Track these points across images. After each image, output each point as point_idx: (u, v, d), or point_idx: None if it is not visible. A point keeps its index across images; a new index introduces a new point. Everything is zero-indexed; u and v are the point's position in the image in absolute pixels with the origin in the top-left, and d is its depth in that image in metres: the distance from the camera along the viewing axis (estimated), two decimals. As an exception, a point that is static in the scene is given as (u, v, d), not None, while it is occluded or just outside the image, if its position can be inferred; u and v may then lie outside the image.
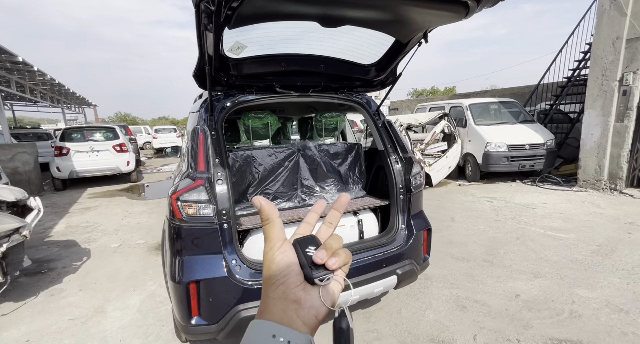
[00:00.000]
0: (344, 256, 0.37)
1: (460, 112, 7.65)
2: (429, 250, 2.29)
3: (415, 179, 2.18)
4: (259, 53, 1.88)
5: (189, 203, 1.60)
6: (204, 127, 1.80)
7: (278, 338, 0.31)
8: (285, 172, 2.27)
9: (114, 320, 2.51)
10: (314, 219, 0.41)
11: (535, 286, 2.73)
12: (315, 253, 0.35)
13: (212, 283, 1.59)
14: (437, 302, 2.59)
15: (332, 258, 0.35)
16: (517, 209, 4.92)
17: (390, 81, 2.29)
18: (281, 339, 0.31)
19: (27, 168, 7.54)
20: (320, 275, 0.35)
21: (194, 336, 1.67)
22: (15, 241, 2.55)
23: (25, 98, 12.34)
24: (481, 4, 1.29)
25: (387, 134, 2.29)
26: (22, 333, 2.38)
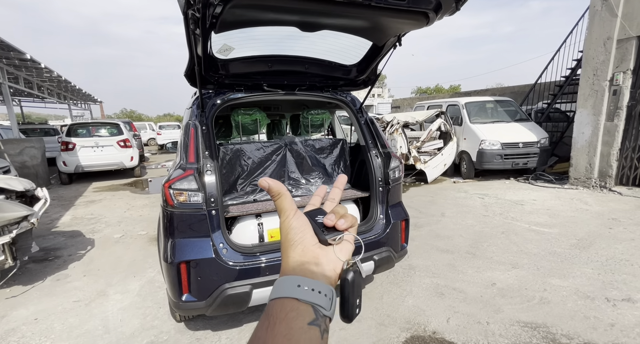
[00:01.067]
0: (350, 218, 0.41)
1: (457, 111, 7.75)
2: (407, 239, 2.45)
3: (394, 172, 2.34)
4: (247, 54, 2.04)
5: (180, 191, 1.77)
6: (195, 123, 1.97)
7: (303, 287, 0.35)
8: (273, 165, 2.43)
9: (115, 302, 2.70)
10: (318, 201, 0.46)
11: (512, 275, 2.87)
12: (325, 217, 0.40)
13: (201, 263, 1.77)
14: (418, 289, 2.75)
15: (340, 220, 0.40)
16: (507, 205, 5.04)
17: (372, 80, 2.44)
18: (305, 287, 0.35)
19: (34, 162, 7.79)
20: (332, 236, 0.39)
21: (185, 311, 1.84)
22: (24, 228, 2.75)
23: (33, 94, 12.64)
24: (440, 14, 1.43)
25: (369, 131, 2.44)
26: (30, 312, 2.59)
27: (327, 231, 0.40)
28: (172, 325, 2.36)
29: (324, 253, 0.39)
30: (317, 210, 0.43)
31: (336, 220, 0.40)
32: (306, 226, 0.40)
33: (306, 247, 0.38)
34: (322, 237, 0.39)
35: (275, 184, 0.41)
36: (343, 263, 0.39)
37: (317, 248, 0.39)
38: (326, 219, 0.40)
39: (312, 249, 0.38)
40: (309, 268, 0.37)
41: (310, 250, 0.38)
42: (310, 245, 0.39)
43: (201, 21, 1.41)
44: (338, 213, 0.41)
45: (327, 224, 0.40)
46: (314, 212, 0.42)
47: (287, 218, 0.40)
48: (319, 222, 0.40)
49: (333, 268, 0.38)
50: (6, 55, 7.40)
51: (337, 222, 0.40)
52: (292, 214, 0.41)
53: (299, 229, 0.39)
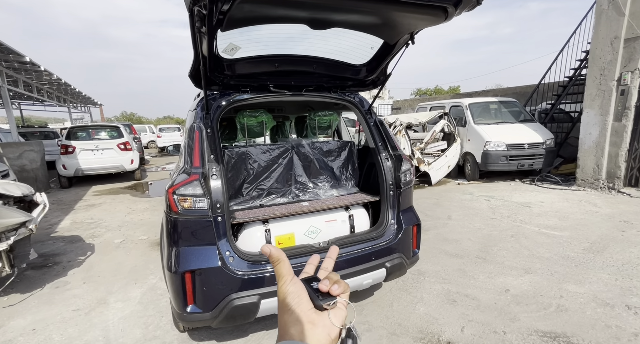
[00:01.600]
0: (343, 284, 0.44)
1: (460, 112, 7.68)
2: (418, 245, 2.36)
3: (405, 175, 2.25)
4: (253, 54, 1.96)
5: (184, 197, 1.69)
6: (200, 125, 1.89)
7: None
8: (280, 168, 2.35)
9: (116, 311, 2.61)
10: (311, 270, 0.49)
11: (526, 281, 2.78)
12: (320, 282, 0.43)
13: (207, 273, 1.68)
14: (429, 296, 2.65)
15: (334, 286, 0.42)
16: (514, 207, 4.95)
17: (381, 81, 2.36)
18: None
19: (34, 166, 7.71)
20: (327, 301, 0.41)
21: (190, 323, 1.76)
22: (22, 235, 2.66)
23: (32, 97, 12.57)
24: (459, 9, 1.36)
25: (378, 132, 2.36)
26: (28, 322, 2.50)
27: (322, 296, 0.42)
28: (175, 335, 2.27)
29: (319, 319, 0.40)
30: (312, 277, 0.46)
31: (330, 286, 0.42)
32: (302, 291, 0.42)
33: (302, 311, 0.40)
34: (317, 302, 0.41)
35: (276, 251, 0.45)
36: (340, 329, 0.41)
37: (313, 313, 0.41)
38: (321, 285, 0.42)
39: (308, 314, 0.40)
40: (305, 334, 0.39)
41: (306, 315, 0.40)
42: (306, 310, 0.41)
43: (207, 18, 1.34)
44: (332, 279, 0.43)
45: (322, 290, 0.42)
46: (309, 279, 0.45)
47: (285, 284, 0.43)
48: (314, 288, 0.43)
49: (328, 333, 0.40)
50: (5, 58, 7.34)
51: (331, 288, 0.42)
52: (289, 280, 0.43)
53: (295, 294, 0.42)
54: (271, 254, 0.45)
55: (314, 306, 0.41)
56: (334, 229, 2.18)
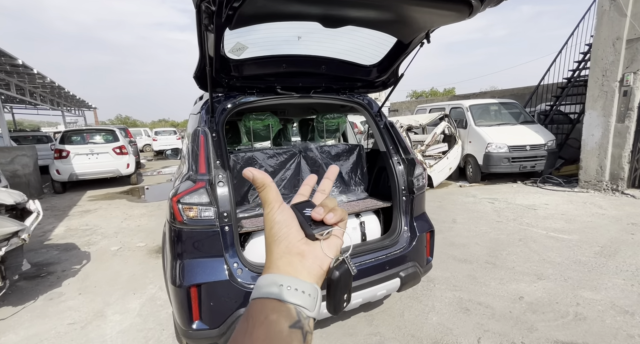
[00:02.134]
0: (340, 212, 0.39)
1: (461, 114, 7.65)
2: (432, 252, 2.27)
3: (418, 180, 2.17)
4: (260, 54, 1.87)
5: (189, 206, 1.58)
6: (205, 129, 1.78)
7: (285, 286, 0.34)
8: (287, 174, 2.25)
9: (114, 324, 2.48)
10: (307, 191, 0.44)
11: (539, 287, 2.70)
12: (313, 210, 0.38)
13: (214, 287, 1.57)
14: (440, 304, 2.56)
15: (329, 214, 0.37)
16: (519, 210, 4.89)
17: (391, 82, 2.28)
18: (288, 287, 0.34)
19: (26, 171, 7.52)
20: (320, 230, 0.37)
21: (195, 340, 1.64)
22: (15, 245, 2.53)
23: (25, 101, 12.34)
24: (485, 3, 1.28)
25: (389, 135, 2.28)
26: (20, 338, 2.36)
27: (315, 225, 0.37)
28: (177, 351, 2.15)
29: (310, 249, 0.37)
30: (305, 202, 0.41)
31: (325, 214, 0.38)
32: (292, 219, 0.38)
33: (291, 243, 0.37)
34: (309, 231, 0.37)
35: (260, 174, 0.39)
36: (331, 260, 0.37)
37: (303, 244, 0.37)
38: (314, 213, 0.38)
39: (298, 245, 0.37)
40: (294, 266, 0.36)
41: (295, 246, 0.37)
42: (296, 240, 0.37)
43: (216, 15, 1.24)
44: (327, 206, 0.39)
45: (315, 218, 0.37)
46: (302, 205, 0.40)
47: (272, 211, 0.38)
48: (306, 216, 0.38)
49: (319, 264, 0.36)
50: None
51: (325, 216, 0.38)
52: (277, 207, 0.39)
53: (283, 224, 0.38)
54: (255, 179, 0.39)
55: (305, 236, 0.37)
56: (345, 237, 2.08)
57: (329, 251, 0.37)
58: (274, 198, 0.39)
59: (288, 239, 0.37)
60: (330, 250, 0.37)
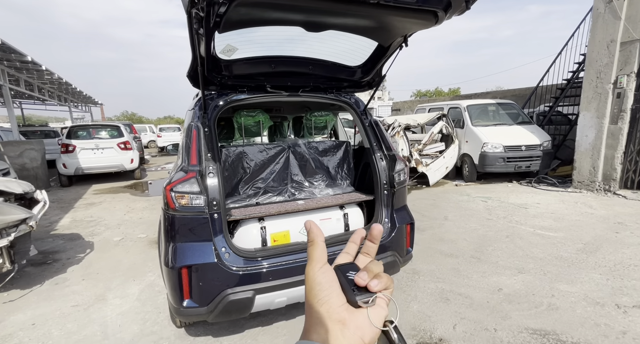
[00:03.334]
0: (385, 279, 0.36)
1: (459, 113, 7.73)
2: (412, 243, 2.40)
3: (399, 175, 2.30)
4: (250, 55, 2.01)
5: (181, 194, 1.73)
6: (198, 124, 1.93)
7: None
8: (276, 167, 2.39)
9: (114, 307, 2.65)
10: (353, 250, 0.42)
11: (519, 280, 2.82)
12: (357, 275, 0.36)
13: (203, 268, 1.72)
14: (423, 294, 2.69)
15: (373, 280, 0.35)
16: (510, 208, 4.99)
17: (376, 82, 2.41)
18: None
19: (34, 164, 7.76)
20: (364, 297, 0.34)
21: (186, 317, 1.80)
22: (23, 231, 2.70)
23: (33, 97, 12.64)
24: (449, 13, 1.40)
25: (374, 133, 2.41)
26: (28, 317, 2.53)
27: (358, 291, 0.35)
28: (172, 331, 2.31)
29: (351, 318, 0.34)
30: (349, 265, 0.39)
31: (369, 280, 0.35)
32: (334, 282, 0.36)
33: (332, 307, 0.34)
34: (351, 297, 0.35)
35: (316, 230, 0.39)
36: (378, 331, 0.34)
37: (344, 310, 0.35)
38: (357, 278, 0.36)
39: (339, 311, 0.34)
40: (334, 335, 0.33)
41: (336, 312, 0.34)
42: (337, 306, 0.35)
43: (205, 20, 1.38)
44: (372, 271, 0.36)
45: (359, 283, 0.35)
46: (345, 267, 0.38)
47: (313, 269, 0.37)
48: (349, 279, 0.36)
49: (360, 335, 0.34)
50: (7, 57, 7.40)
51: (369, 283, 0.35)
52: (319, 267, 0.37)
53: (325, 286, 0.36)
54: (310, 231, 0.39)
55: (347, 301, 0.35)
56: (328, 227, 2.22)
57: (375, 320, 0.34)
58: (319, 257, 0.38)
59: (329, 303, 0.34)
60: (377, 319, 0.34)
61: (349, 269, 0.38)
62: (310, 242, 0.39)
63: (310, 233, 0.39)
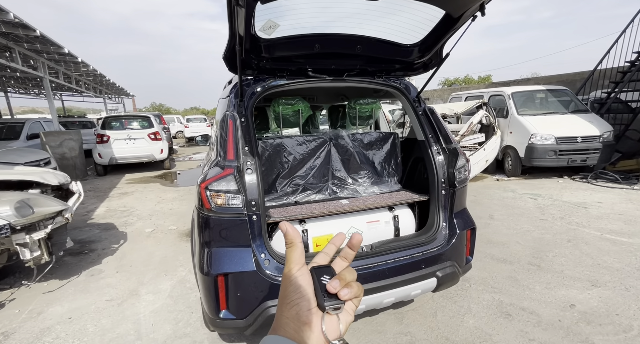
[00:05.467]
0: (356, 289, 0.37)
1: (501, 102, 7.07)
2: (472, 251, 2.08)
3: (460, 172, 1.97)
4: (292, 33, 1.74)
5: (217, 193, 1.53)
6: (234, 114, 1.71)
7: None
8: (317, 162, 2.14)
9: (147, 304, 2.57)
10: (332, 251, 0.42)
11: (594, 296, 2.42)
12: (329, 282, 0.37)
13: (241, 277, 1.53)
14: (478, 307, 2.38)
15: (344, 289, 0.36)
16: (567, 208, 4.46)
17: (433, 64, 2.06)
18: None
19: (73, 154, 8.08)
20: (331, 304, 0.36)
21: (222, 329, 1.63)
22: (59, 223, 2.67)
23: (72, 89, 13.21)
24: None
25: (429, 123, 2.08)
26: (65, 310, 2.52)
27: (329, 296, 0.36)
28: (205, 334, 2.18)
29: (318, 322, 0.36)
30: (326, 268, 0.40)
31: (340, 288, 0.37)
32: (308, 286, 0.38)
33: (301, 310, 0.36)
34: (320, 301, 0.36)
35: (292, 231, 0.40)
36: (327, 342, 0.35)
37: (313, 314, 0.36)
38: (329, 286, 0.37)
39: (307, 314, 0.36)
40: (301, 335, 0.35)
41: (305, 315, 0.36)
42: (306, 309, 0.36)
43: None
44: (344, 279, 0.38)
45: (330, 291, 0.36)
46: (321, 271, 0.39)
47: (290, 271, 0.39)
48: (322, 284, 0.37)
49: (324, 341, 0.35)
50: (46, 50, 7.63)
51: (340, 291, 0.36)
52: (297, 269, 0.38)
53: (299, 289, 0.37)
54: (287, 234, 0.40)
55: (317, 305, 0.36)
56: (376, 231, 1.95)
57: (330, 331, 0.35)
58: (297, 259, 0.39)
59: (299, 306, 0.36)
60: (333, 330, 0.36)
61: (324, 273, 0.38)
62: (288, 244, 0.40)
63: (287, 235, 0.40)
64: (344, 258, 0.42)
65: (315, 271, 0.38)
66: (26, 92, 17.15)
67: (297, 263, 0.39)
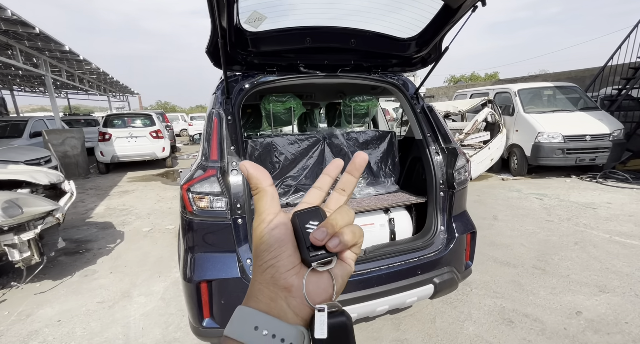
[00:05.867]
0: (350, 235, 0.29)
1: (507, 99, 6.89)
2: (472, 256, 1.98)
3: (460, 173, 1.86)
4: (281, 26, 1.64)
5: (200, 195, 1.45)
6: (220, 112, 1.62)
7: (261, 330, 0.27)
8: (309, 162, 2.05)
9: (138, 306, 2.52)
10: (327, 184, 0.34)
11: (602, 302, 2.31)
12: (314, 231, 0.29)
13: (225, 284, 1.45)
14: (478, 313, 2.28)
15: (334, 239, 0.28)
16: (574, 208, 4.31)
17: (432, 58, 1.95)
18: (265, 332, 0.27)
19: (75, 152, 8.10)
20: (319, 257, 0.28)
21: (206, 338, 1.55)
22: (50, 223, 2.63)
23: (76, 87, 13.28)
24: None
25: (427, 121, 1.98)
26: (55, 312, 2.47)
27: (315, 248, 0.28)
28: (195, 340, 2.12)
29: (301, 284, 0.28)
30: (313, 211, 0.30)
31: (327, 239, 0.28)
32: (287, 238, 0.29)
33: (278, 272, 0.28)
34: (305, 255, 0.28)
35: (256, 172, 0.31)
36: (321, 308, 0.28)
37: (293, 275, 0.28)
38: (313, 235, 0.28)
39: (286, 276, 0.28)
40: (278, 303, 0.28)
41: (282, 277, 0.28)
42: (285, 269, 0.28)
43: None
44: (334, 225, 0.28)
45: (314, 243, 0.28)
46: (307, 215, 0.30)
47: (260, 225, 0.30)
48: (307, 233, 0.29)
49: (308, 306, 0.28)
50: (48, 48, 7.63)
51: (328, 243, 0.28)
52: (269, 220, 0.30)
53: (273, 246, 0.29)
54: (250, 176, 0.30)
55: (301, 261, 0.29)
56: (371, 235, 1.86)
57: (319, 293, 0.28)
58: (267, 208, 0.30)
59: (275, 267, 0.28)
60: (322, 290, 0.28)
61: (310, 218, 0.30)
62: (254, 189, 0.31)
63: (250, 178, 0.31)
64: (340, 190, 0.33)
65: (299, 217, 0.30)
66: (32, 90, 17.30)
67: (269, 212, 0.30)
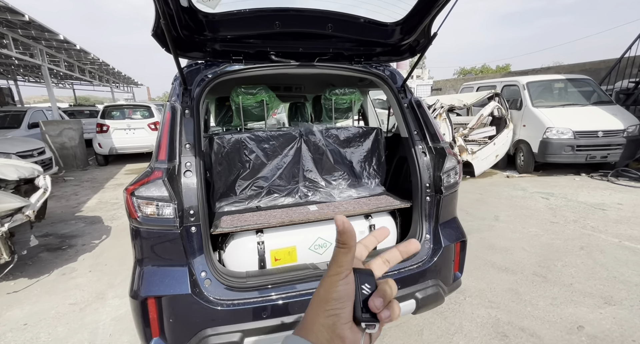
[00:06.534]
0: (397, 311, 0.34)
1: (515, 92, 6.55)
2: (461, 267, 1.79)
3: (449, 176, 1.66)
4: (244, 7, 1.44)
5: (148, 200, 1.28)
6: (175, 104, 1.44)
7: None
8: (284, 161, 1.87)
9: (111, 309, 2.40)
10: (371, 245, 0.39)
11: (607, 315, 2.10)
12: (372, 299, 0.33)
13: (173, 301, 1.29)
14: (470, 325, 2.10)
15: (385, 311, 0.33)
16: (582, 209, 4.06)
17: (422, 45, 1.73)
18: None
19: (72, 143, 8.04)
20: (368, 321, 0.33)
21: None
22: (19, 221, 2.51)
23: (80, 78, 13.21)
24: None
25: (415, 117, 1.76)
26: (24, 314, 2.37)
27: (366, 311, 0.33)
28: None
29: (351, 338, 0.32)
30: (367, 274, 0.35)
31: (382, 307, 0.33)
32: (350, 296, 0.33)
33: (339, 321, 0.32)
34: (358, 315, 0.33)
35: (350, 231, 0.33)
36: None
37: (348, 329, 0.32)
38: (372, 304, 0.33)
39: (344, 328, 0.32)
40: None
41: (341, 327, 0.32)
42: (344, 322, 0.33)
43: None
44: (386, 298, 0.33)
45: (372, 310, 0.33)
46: (364, 277, 0.35)
47: (338, 276, 0.34)
48: (363, 293, 0.34)
49: None
50: (42, 37, 7.51)
51: (381, 313, 0.33)
52: (345, 275, 0.34)
53: (341, 300, 0.33)
54: (343, 231, 0.33)
55: (352, 319, 0.33)
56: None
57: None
58: (347, 264, 0.33)
59: (339, 317, 0.32)
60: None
61: (366, 281, 0.35)
62: (343, 245, 0.34)
63: (343, 234, 0.33)
64: (386, 260, 0.38)
65: (359, 276, 0.34)
66: (36, 81, 17.35)
67: (347, 267, 0.33)
